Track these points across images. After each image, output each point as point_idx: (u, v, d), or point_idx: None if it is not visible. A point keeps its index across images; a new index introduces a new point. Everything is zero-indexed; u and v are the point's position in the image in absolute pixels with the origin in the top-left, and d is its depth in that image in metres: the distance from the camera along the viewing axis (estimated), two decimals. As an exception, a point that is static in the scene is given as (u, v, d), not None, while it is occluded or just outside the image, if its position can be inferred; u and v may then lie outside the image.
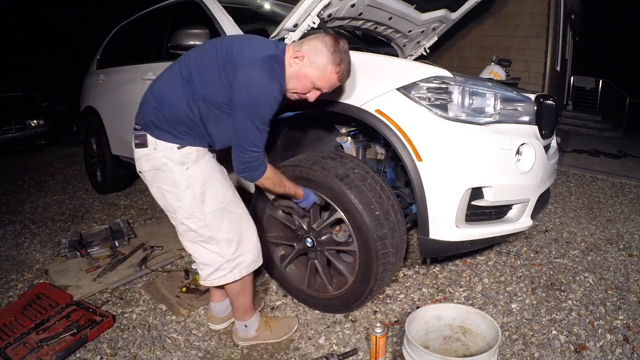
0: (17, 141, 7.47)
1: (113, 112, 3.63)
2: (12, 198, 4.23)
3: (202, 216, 1.56)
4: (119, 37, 3.98)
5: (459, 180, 1.73)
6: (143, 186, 4.31)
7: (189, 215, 1.57)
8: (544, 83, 5.94)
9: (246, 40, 1.55)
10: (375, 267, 1.74)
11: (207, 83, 1.48)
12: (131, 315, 2.01)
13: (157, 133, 1.53)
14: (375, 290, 1.84)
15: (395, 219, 1.81)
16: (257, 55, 1.46)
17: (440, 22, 3.07)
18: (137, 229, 3.06)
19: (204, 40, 2.37)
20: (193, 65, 1.51)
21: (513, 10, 5.80)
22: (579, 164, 5.22)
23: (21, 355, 1.69)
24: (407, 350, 1.49)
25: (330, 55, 1.49)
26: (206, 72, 1.49)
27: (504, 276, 2.29)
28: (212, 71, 1.48)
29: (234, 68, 1.44)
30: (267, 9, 3.33)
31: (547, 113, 2.07)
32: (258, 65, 1.43)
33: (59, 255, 2.61)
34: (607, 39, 19.35)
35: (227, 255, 1.60)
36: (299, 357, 1.70)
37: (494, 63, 4.04)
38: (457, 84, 1.74)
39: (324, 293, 1.96)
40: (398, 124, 1.75)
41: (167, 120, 1.51)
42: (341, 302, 1.91)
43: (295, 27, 2.20)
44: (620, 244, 2.74)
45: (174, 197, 1.56)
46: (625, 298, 2.07)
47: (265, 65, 1.44)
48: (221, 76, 1.46)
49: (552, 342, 1.73)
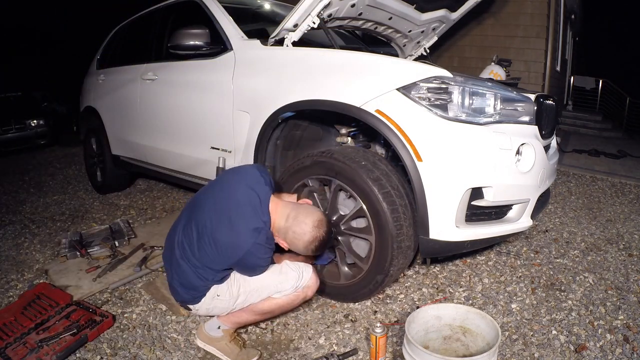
0: (17, 141, 7.48)
1: (113, 112, 3.63)
2: (12, 198, 4.23)
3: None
4: (119, 37, 3.98)
5: (459, 180, 1.73)
6: (143, 186, 4.31)
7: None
8: (544, 83, 5.94)
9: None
10: (390, 257, 1.78)
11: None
12: (131, 315, 2.01)
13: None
14: (387, 281, 1.87)
15: (411, 216, 1.83)
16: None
17: (440, 22, 3.07)
18: (137, 229, 3.06)
19: (204, 40, 2.38)
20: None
21: (513, 10, 5.81)
22: (579, 164, 5.22)
23: (21, 355, 1.69)
24: (407, 350, 1.49)
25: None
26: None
27: (504, 276, 2.29)
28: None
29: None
30: (267, 9, 3.33)
31: (547, 113, 2.08)
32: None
33: (59, 255, 2.61)
34: (607, 39, 19.35)
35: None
36: (299, 357, 1.70)
37: (494, 63, 4.05)
38: (457, 84, 1.74)
39: (336, 281, 2.00)
40: (398, 124, 1.75)
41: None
42: (353, 291, 1.96)
43: (295, 27, 2.20)
44: (620, 244, 2.74)
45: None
46: (625, 298, 2.06)
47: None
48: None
49: (552, 342, 1.73)
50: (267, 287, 1.65)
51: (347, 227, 1.95)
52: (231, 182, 1.66)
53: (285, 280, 1.65)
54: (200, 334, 1.76)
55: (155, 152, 3.12)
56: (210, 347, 1.72)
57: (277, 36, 2.24)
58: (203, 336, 1.75)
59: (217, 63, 2.46)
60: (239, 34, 2.47)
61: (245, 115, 2.28)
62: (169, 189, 4.17)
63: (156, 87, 2.96)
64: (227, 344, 1.71)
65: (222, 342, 1.71)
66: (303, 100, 2.00)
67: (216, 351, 1.71)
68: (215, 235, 1.56)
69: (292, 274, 1.66)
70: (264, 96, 2.17)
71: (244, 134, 2.30)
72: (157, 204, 3.77)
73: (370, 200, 1.78)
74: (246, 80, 2.29)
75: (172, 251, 1.67)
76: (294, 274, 1.66)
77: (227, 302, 1.65)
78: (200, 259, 1.59)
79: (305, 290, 1.69)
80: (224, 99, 2.38)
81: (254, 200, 1.58)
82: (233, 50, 2.41)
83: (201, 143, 2.60)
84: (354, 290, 1.97)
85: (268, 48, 2.28)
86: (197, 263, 1.60)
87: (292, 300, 1.69)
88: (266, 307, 1.68)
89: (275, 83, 2.14)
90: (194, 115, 2.66)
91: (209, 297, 1.65)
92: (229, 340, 1.72)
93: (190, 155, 2.74)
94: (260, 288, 1.65)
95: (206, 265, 1.59)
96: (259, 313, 1.71)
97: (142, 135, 3.20)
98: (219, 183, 1.71)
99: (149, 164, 3.27)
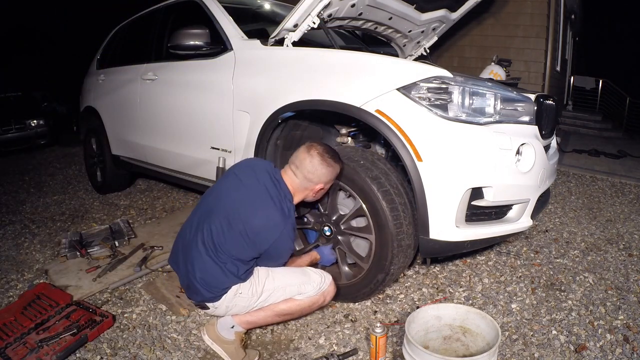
0: (17, 141, 7.47)
1: (113, 112, 3.63)
2: (12, 198, 4.23)
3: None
4: (119, 37, 3.98)
5: (459, 180, 1.73)
6: (143, 186, 4.31)
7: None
8: (544, 83, 5.95)
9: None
10: (390, 255, 1.79)
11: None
12: (131, 315, 2.01)
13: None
14: (387, 280, 1.88)
15: (411, 214, 1.83)
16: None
17: (440, 22, 3.07)
18: (137, 229, 3.06)
19: (204, 40, 2.38)
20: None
21: (513, 10, 5.81)
22: (579, 164, 5.21)
23: (21, 355, 1.69)
24: (407, 350, 1.49)
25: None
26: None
27: (504, 276, 2.29)
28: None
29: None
30: (267, 9, 3.33)
31: (547, 113, 2.07)
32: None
33: (59, 255, 2.61)
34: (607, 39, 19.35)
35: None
36: (299, 357, 1.70)
37: (494, 63, 4.05)
38: (457, 84, 1.74)
39: (336, 281, 1.98)
40: (398, 124, 1.75)
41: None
42: (353, 290, 1.97)
43: (295, 27, 2.20)
44: (620, 244, 2.74)
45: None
46: (625, 298, 2.07)
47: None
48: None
49: (552, 342, 1.73)
50: (291, 286, 1.66)
51: (348, 226, 1.96)
52: (250, 173, 1.70)
53: (309, 281, 1.68)
54: (210, 331, 1.70)
55: (155, 152, 3.12)
56: (217, 346, 1.68)
57: (277, 36, 2.24)
58: (213, 334, 1.69)
59: (217, 63, 2.46)
60: (239, 34, 2.47)
61: (245, 115, 2.28)
62: (169, 189, 4.17)
63: (156, 87, 2.96)
64: (236, 348, 1.67)
65: (232, 346, 1.67)
66: (303, 100, 2.00)
67: (222, 352, 1.67)
68: (250, 221, 1.57)
69: (316, 277, 1.70)
70: (264, 96, 2.17)
71: (244, 134, 2.30)
72: (157, 204, 3.77)
73: (370, 199, 1.78)
74: (246, 80, 2.29)
75: (192, 250, 1.64)
76: (317, 277, 1.70)
77: (249, 299, 1.65)
78: (230, 250, 1.59)
79: (324, 294, 1.71)
80: (224, 99, 2.38)
81: (275, 184, 1.65)
82: (233, 50, 2.41)
83: (201, 143, 2.60)
84: (354, 290, 1.97)
85: (268, 48, 2.28)
86: (225, 257, 1.59)
87: (312, 302, 1.70)
88: (286, 307, 1.69)
89: (275, 83, 2.14)
90: (194, 115, 2.66)
91: (231, 294, 1.63)
92: (238, 344, 1.68)
93: (191, 155, 2.74)
94: (284, 286, 1.66)
95: (236, 258, 1.59)
96: (278, 314, 1.71)
97: (142, 135, 3.20)
98: (235, 177, 1.72)
99: (149, 164, 3.27)
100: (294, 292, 1.68)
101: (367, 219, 1.83)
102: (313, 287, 1.69)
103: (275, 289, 1.67)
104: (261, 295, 1.65)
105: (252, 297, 1.65)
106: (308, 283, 1.68)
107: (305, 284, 1.68)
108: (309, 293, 1.68)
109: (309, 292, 1.68)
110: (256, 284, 1.65)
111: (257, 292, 1.65)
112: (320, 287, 1.70)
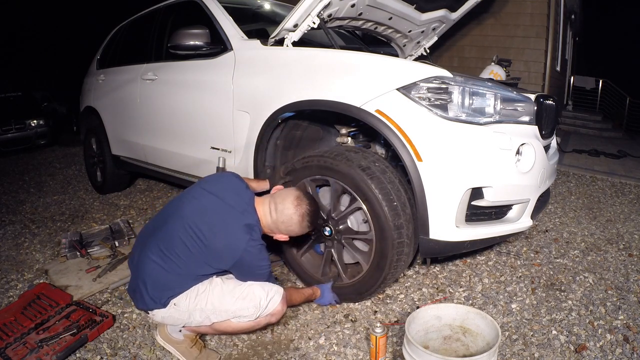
0: (17, 141, 7.47)
1: (113, 112, 3.63)
2: (12, 198, 4.23)
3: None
4: (119, 37, 3.98)
5: (459, 180, 1.73)
6: (143, 186, 4.31)
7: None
8: (544, 83, 5.95)
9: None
10: (390, 256, 1.78)
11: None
12: (131, 315, 2.01)
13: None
14: (388, 279, 1.88)
15: (411, 212, 1.83)
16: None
17: (440, 22, 3.07)
18: (137, 229, 3.06)
19: (204, 40, 2.38)
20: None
21: (513, 10, 5.81)
22: (579, 164, 5.22)
23: (21, 355, 1.69)
24: (407, 350, 1.49)
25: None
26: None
27: (504, 276, 2.29)
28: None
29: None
30: (267, 9, 3.33)
31: (547, 113, 2.07)
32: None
33: (59, 255, 2.61)
34: (607, 39, 19.35)
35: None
36: (299, 357, 1.70)
37: (494, 63, 4.05)
38: (457, 84, 1.74)
39: (337, 281, 2.01)
40: (398, 124, 1.75)
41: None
42: (354, 290, 1.97)
43: (295, 27, 2.20)
44: (620, 244, 2.74)
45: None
46: (625, 298, 2.07)
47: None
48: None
49: (552, 342, 1.73)
50: (226, 312, 1.58)
51: (346, 227, 1.96)
52: (216, 190, 1.65)
53: (246, 307, 1.58)
54: (161, 332, 1.70)
55: (155, 152, 3.12)
56: (170, 346, 1.68)
57: (277, 36, 2.24)
58: (164, 335, 1.69)
59: (217, 63, 2.46)
60: (239, 34, 2.47)
61: (245, 115, 2.28)
62: (169, 189, 4.17)
63: (156, 87, 2.96)
64: (187, 348, 1.67)
65: (182, 345, 1.67)
66: (303, 100, 2.00)
67: (175, 352, 1.68)
68: (210, 240, 1.53)
69: (254, 303, 1.59)
70: (264, 96, 2.17)
71: (244, 134, 2.30)
72: (157, 204, 3.77)
73: (369, 199, 1.78)
74: (246, 80, 2.29)
75: (145, 254, 1.58)
76: (256, 302, 1.59)
77: (182, 314, 1.58)
78: (187, 264, 1.54)
79: (268, 317, 1.63)
80: (224, 99, 2.38)
81: (242, 204, 1.63)
82: (233, 50, 2.41)
83: (201, 143, 2.60)
84: (354, 290, 1.97)
85: (268, 48, 2.28)
86: (181, 269, 1.54)
87: (252, 326, 1.64)
88: (223, 327, 1.63)
89: (275, 83, 2.14)
90: (194, 115, 2.66)
91: (168, 305, 1.57)
92: (189, 344, 1.68)
93: (190, 155, 2.74)
94: (218, 311, 1.58)
95: (191, 271, 1.55)
96: (217, 331, 1.67)
97: (142, 135, 3.20)
98: (200, 192, 1.67)
99: (149, 164, 3.27)
100: (229, 316, 1.60)
101: (367, 218, 1.82)
102: (251, 312, 1.58)
103: (210, 311, 1.58)
104: (194, 313, 1.58)
105: (184, 313, 1.57)
106: (245, 309, 1.58)
107: (242, 310, 1.58)
108: (246, 318, 1.60)
109: (246, 317, 1.59)
110: (191, 299, 1.57)
111: (189, 308, 1.57)
112: (259, 313, 1.59)
